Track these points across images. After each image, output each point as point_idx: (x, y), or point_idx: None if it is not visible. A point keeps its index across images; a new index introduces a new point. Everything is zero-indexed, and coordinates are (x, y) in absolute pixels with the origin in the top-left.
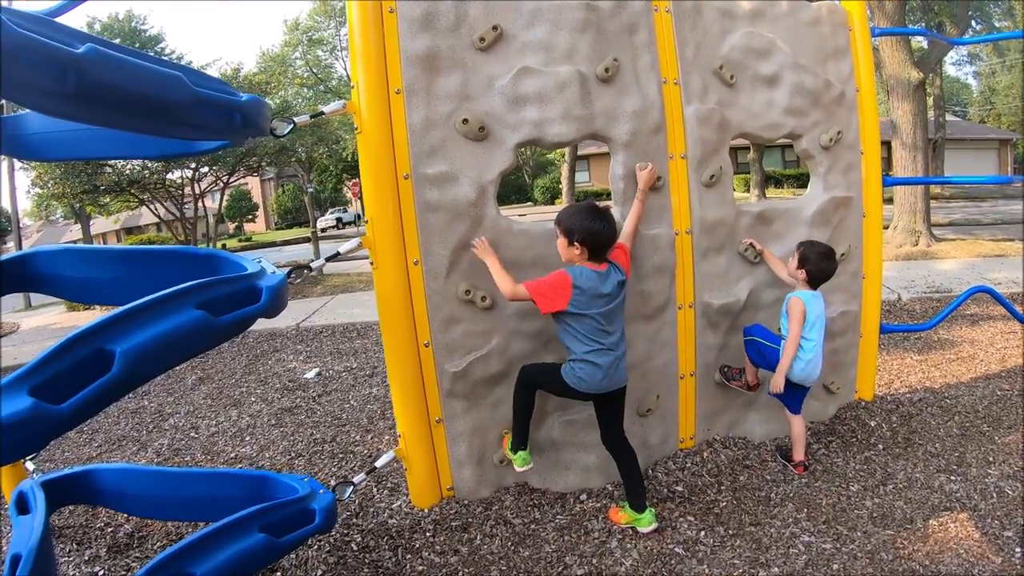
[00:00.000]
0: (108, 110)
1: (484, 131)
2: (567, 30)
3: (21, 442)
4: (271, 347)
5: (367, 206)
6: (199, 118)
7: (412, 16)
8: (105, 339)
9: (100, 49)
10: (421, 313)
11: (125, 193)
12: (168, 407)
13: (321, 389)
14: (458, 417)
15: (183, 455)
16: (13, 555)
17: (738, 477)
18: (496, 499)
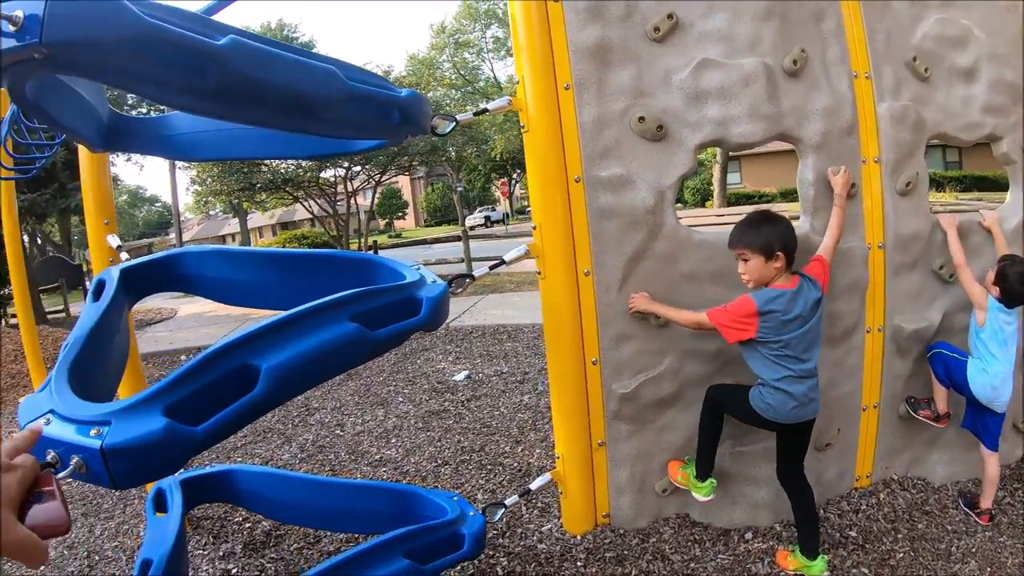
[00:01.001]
0: (253, 107)
1: (662, 130)
2: (749, 18)
3: (153, 466)
4: (420, 346)
5: (534, 211)
6: (353, 115)
7: (579, 5)
8: (250, 354)
9: (243, 40)
10: (590, 328)
11: (280, 190)
12: (315, 402)
13: (470, 393)
14: (622, 441)
15: (326, 452)
16: (144, 559)
17: (916, 524)
18: (654, 530)
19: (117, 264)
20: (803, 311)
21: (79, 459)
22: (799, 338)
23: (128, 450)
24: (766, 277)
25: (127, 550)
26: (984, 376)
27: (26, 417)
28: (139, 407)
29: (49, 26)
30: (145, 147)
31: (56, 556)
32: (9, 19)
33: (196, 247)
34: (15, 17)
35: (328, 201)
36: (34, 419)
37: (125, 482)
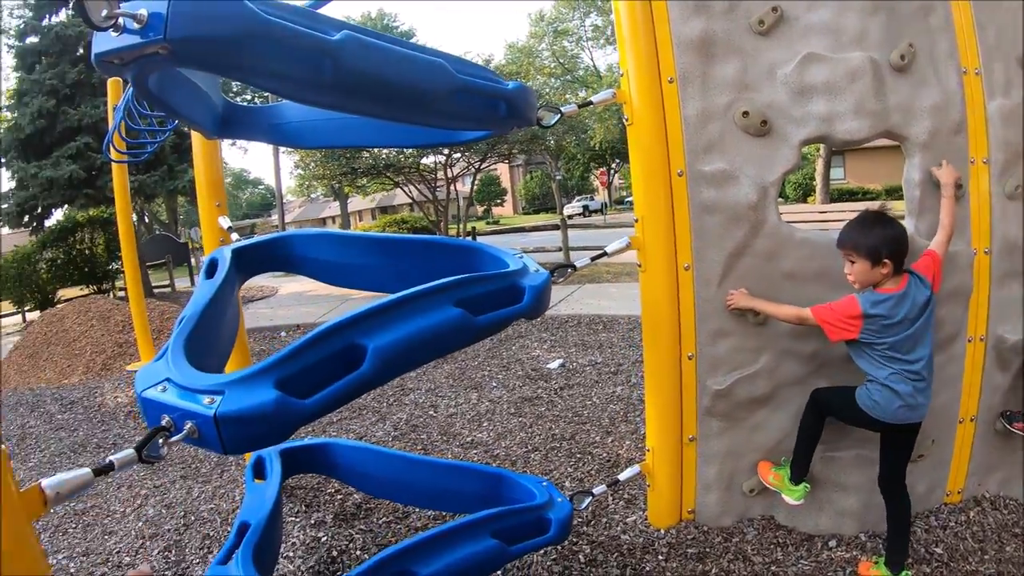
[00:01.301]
0: (366, 99)
1: (766, 125)
2: (855, 11)
3: (262, 435)
4: (515, 332)
5: (637, 204)
6: (462, 107)
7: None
8: (358, 334)
9: (357, 36)
10: (688, 323)
11: (381, 175)
12: (410, 382)
13: (564, 382)
14: (713, 437)
15: (419, 432)
16: (242, 521)
17: (1005, 547)
18: (737, 530)
19: (228, 244)
20: (909, 313)
21: (192, 424)
22: (904, 340)
23: (240, 418)
24: (872, 280)
25: (222, 512)
26: None
27: (143, 384)
28: (252, 379)
29: (172, 23)
30: (256, 134)
31: (154, 514)
32: (134, 17)
33: (304, 230)
34: (140, 15)
35: (428, 187)
36: (151, 386)
37: (235, 448)
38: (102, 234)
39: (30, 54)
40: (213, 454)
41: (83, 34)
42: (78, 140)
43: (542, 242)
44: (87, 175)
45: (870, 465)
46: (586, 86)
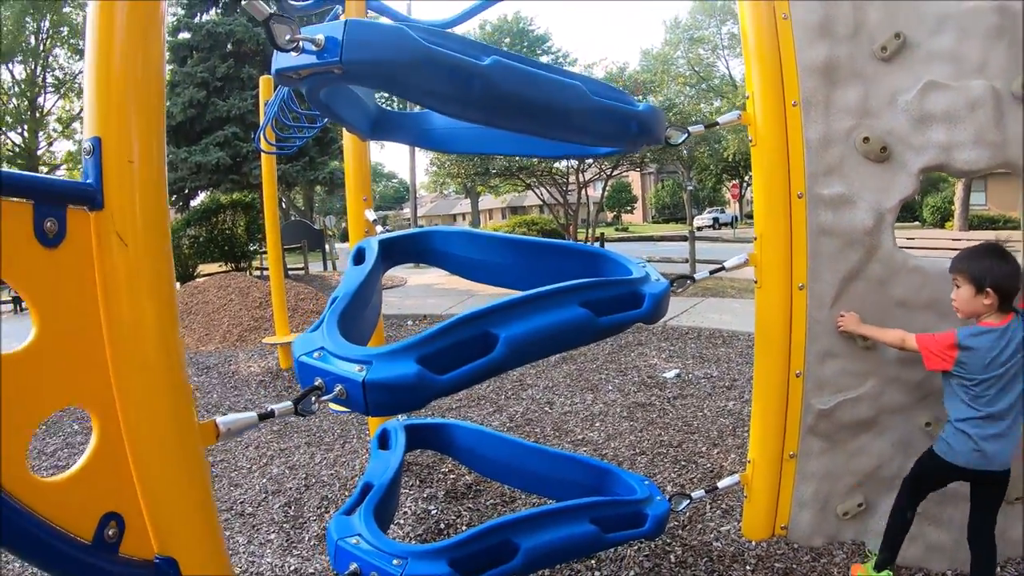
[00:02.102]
0: (508, 116)
1: (886, 152)
2: (978, 37)
3: (402, 402)
4: (635, 340)
5: (757, 222)
6: (596, 126)
7: (808, 22)
8: (491, 323)
9: (504, 61)
10: (799, 341)
11: (514, 177)
12: (529, 378)
13: (677, 391)
14: (813, 456)
15: (533, 426)
16: (366, 482)
17: None
18: (827, 551)
19: (374, 235)
20: (1004, 353)
21: (342, 387)
22: (993, 380)
23: (384, 386)
24: (974, 310)
25: (341, 478)
26: None
27: (301, 350)
28: (397, 353)
29: (348, 48)
30: (406, 138)
31: (278, 473)
32: (313, 41)
33: (443, 227)
34: (318, 40)
35: (559, 190)
36: (308, 353)
37: (376, 411)
38: (243, 216)
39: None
40: (337, 426)
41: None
42: (226, 129)
43: (669, 252)
44: (232, 162)
45: (964, 500)
46: (721, 95)
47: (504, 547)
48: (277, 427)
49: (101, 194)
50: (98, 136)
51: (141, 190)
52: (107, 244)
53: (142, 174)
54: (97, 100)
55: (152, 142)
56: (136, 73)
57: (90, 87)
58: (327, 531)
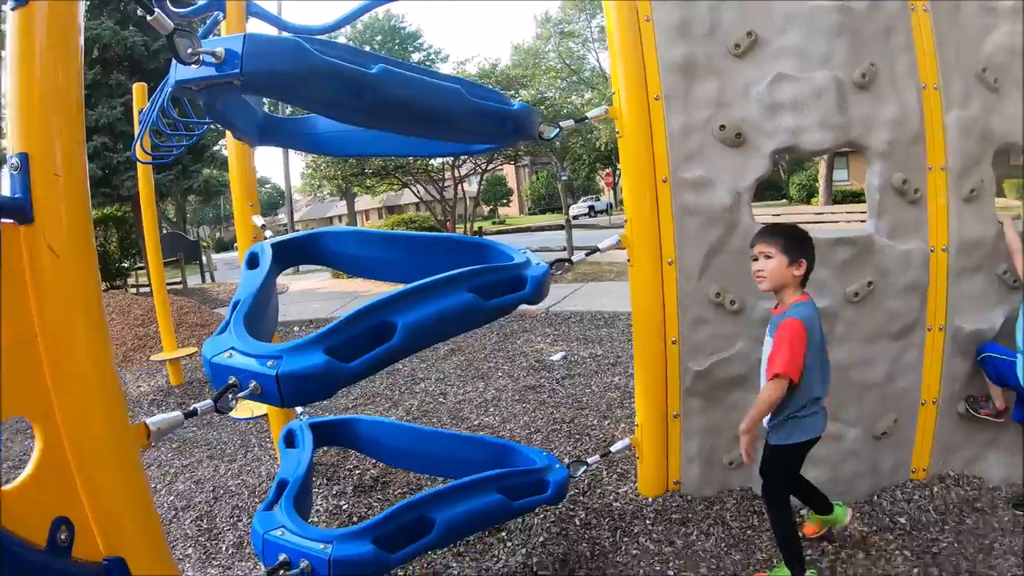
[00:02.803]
0: (395, 120)
1: (740, 137)
2: (822, 34)
3: (314, 391)
4: (521, 328)
5: (627, 206)
6: (475, 126)
7: (668, 24)
8: (389, 313)
9: (391, 69)
10: (672, 311)
11: (390, 176)
12: (420, 372)
13: (565, 372)
14: (695, 415)
15: (430, 417)
16: (281, 479)
17: (964, 519)
18: (718, 499)
19: (263, 240)
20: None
21: (256, 383)
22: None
23: (297, 377)
24: (783, 281)
25: (249, 486)
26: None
27: (211, 352)
28: (305, 346)
29: (247, 60)
30: (294, 143)
31: (185, 489)
32: (213, 54)
33: (334, 228)
34: (218, 52)
35: (435, 187)
36: (218, 354)
37: (291, 402)
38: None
39: None
40: (236, 437)
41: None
42: (95, 140)
43: (546, 242)
44: (103, 174)
45: (835, 441)
46: (592, 87)
47: (422, 522)
48: (176, 444)
49: (31, 207)
50: (25, 152)
51: (67, 202)
52: (39, 256)
53: (68, 187)
54: (20, 115)
55: (75, 154)
56: (57, 86)
57: (13, 102)
58: (252, 528)
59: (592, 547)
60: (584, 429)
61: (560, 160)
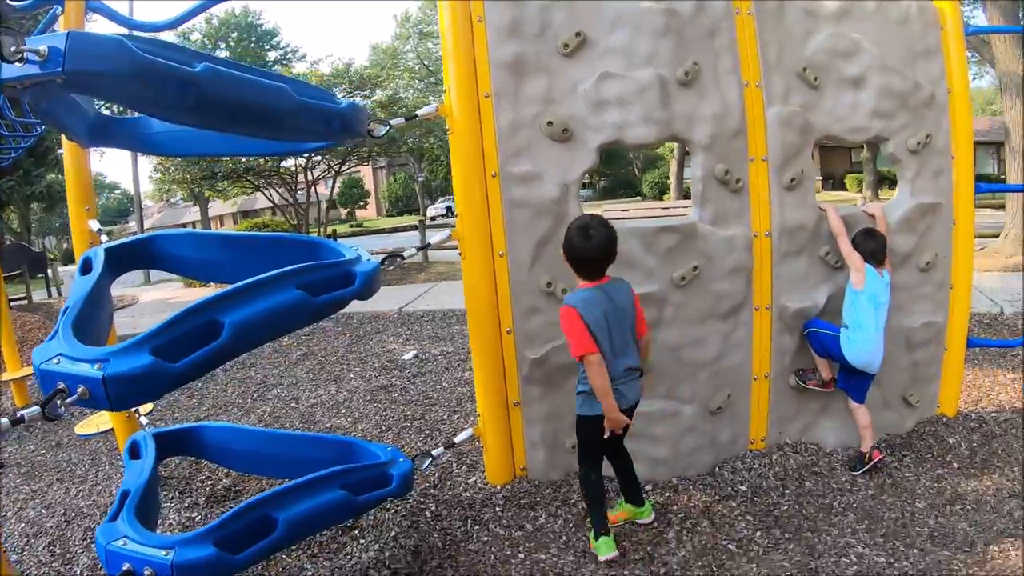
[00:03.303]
0: (223, 118)
1: (567, 133)
2: (648, 35)
3: (141, 392)
4: (373, 328)
5: (457, 202)
6: (302, 123)
7: (500, 24)
8: (216, 311)
9: (214, 67)
10: (505, 302)
11: (241, 179)
12: (272, 379)
13: (416, 370)
14: (535, 402)
15: (283, 422)
16: (123, 490)
17: (804, 483)
18: (565, 482)
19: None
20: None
21: (84, 387)
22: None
23: (123, 379)
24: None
25: (100, 507)
26: (857, 345)
27: (40, 359)
28: (131, 348)
29: (69, 59)
30: (127, 143)
31: (35, 515)
32: (37, 52)
33: (168, 231)
34: (41, 50)
35: (288, 190)
36: (46, 360)
37: (119, 404)
38: None
39: None
40: (87, 457)
41: None
42: None
43: (403, 243)
44: None
45: (673, 418)
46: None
47: (264, 522)
48: (24, 469)
49: None
50: None
51: None
52: None
53: None
54: None
55: None
56: None
57: None
58: (96, 540)
59: (444, 537)
60: (435, 424)
61: (417, 161)
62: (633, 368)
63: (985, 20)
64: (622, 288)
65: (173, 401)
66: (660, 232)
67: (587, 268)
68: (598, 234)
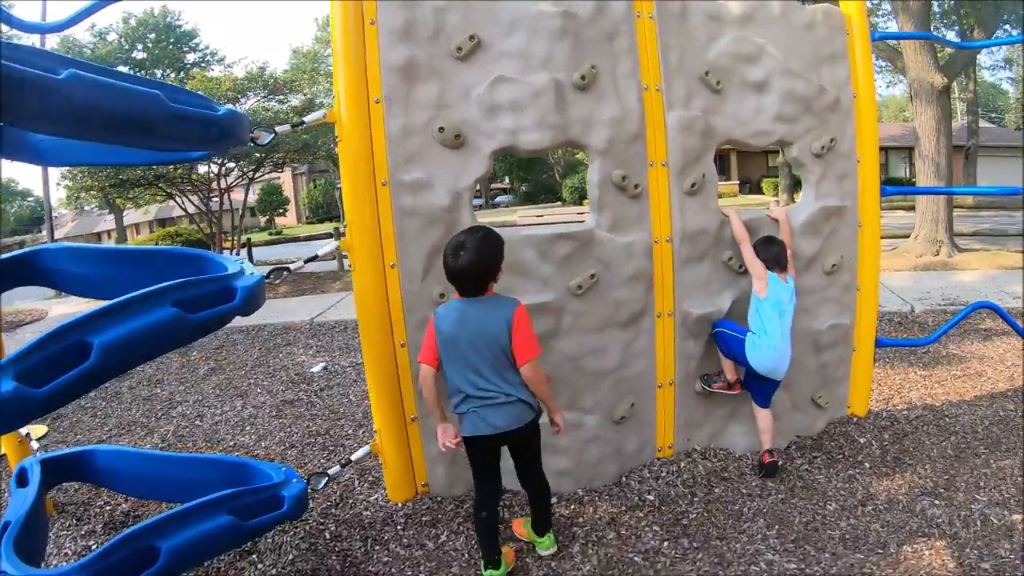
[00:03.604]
0: (92, 128)
1: (460, 139)
2: (544, 38)
3: (3, 419)
4: (284, 341)
5: (346, 211)
6: (177, 132)
7: (392, 27)
8: (85, 332)
9: (79, 73)
10: (397, 314)
11: (153, 186)
12: (178, 395)
13: (325, 383)
14: (432, 416)
15: (186, 441)
16: (5, 522)
17: (713, 489)
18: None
19: None
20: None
21: None
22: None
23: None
24: None
25: None
26: (761, 351)
27: None
28: None
29: None
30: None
31: None
32: None
33: (52, 244)
34: None
35: (201, 198)
36: None
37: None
38: None
39: None
40: None
41: None
42: None
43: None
44: None
45: (575, 429)
46: None
47: (146, 552)
48: None
49: None
50: None
51: None
52: None
53: None
54: None
55: None
56: None
57: None
58: None
59: (343, 560)
60: (339, 440)
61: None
62: (499, 393)
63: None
64: (496, 310)
65: (76, 422)
66: (556, 240)
67: (455, 285)
68: (468, 256)
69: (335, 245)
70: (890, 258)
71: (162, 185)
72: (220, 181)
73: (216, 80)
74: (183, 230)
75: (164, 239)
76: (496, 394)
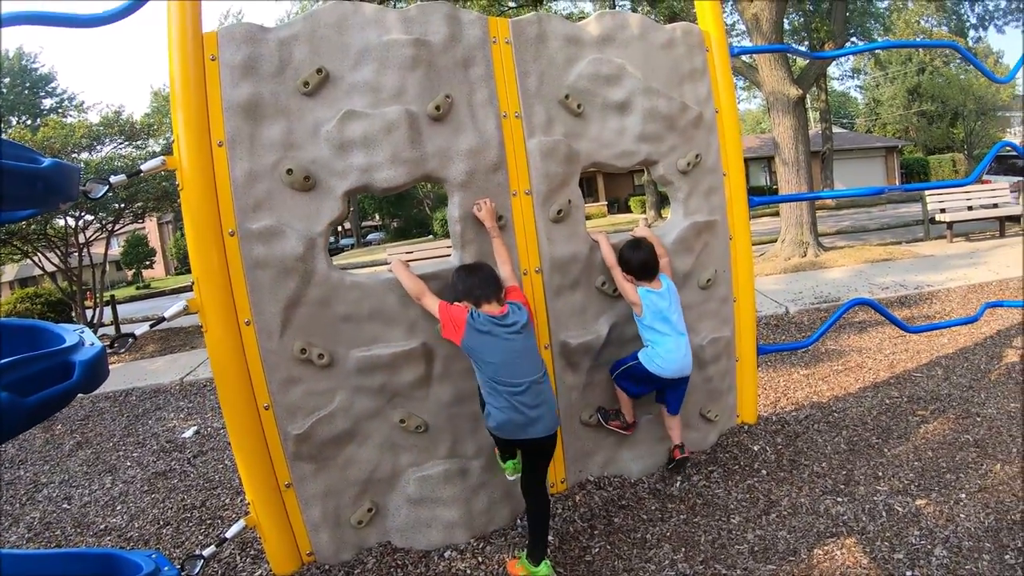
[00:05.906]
0: None
1: (310, 180)
2: (395, 68)
3: None
4: (153, 405)
5: (193, 266)
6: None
7: (234, 62)
8: None
9: None
10: (258, 375)
11: (7, 245)
12: (43, 476)
13: (197, 449)
14: (308, 480)
15: (54, 529)
16: None
17: (612, 519)
18: (359, 561)
19: None
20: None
21: None
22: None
23: None
24: None
25: None
26: (660, 357)
27: None
28: None
29: None
30: None
31: None
32: None
33: None
34: None
35: (58, 255)
36: None
37: None
38: None
39: None
40: None
41: None
42: None
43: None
44: None
45: (460, 477)
46: None
47: None
48: None
49: None
50: None
51: None
52: None
53: None
54: None
55: None
56: None
57: None
58: None
59: None
60: (217, 511)
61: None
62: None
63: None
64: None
65: None
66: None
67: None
68: None
69: (183, 305)
70: (760, 263)
71: (16, 243)
72: (78, 235)
73: (70, 127)
74: (42, 290)
75: (22, 302)
76: None
